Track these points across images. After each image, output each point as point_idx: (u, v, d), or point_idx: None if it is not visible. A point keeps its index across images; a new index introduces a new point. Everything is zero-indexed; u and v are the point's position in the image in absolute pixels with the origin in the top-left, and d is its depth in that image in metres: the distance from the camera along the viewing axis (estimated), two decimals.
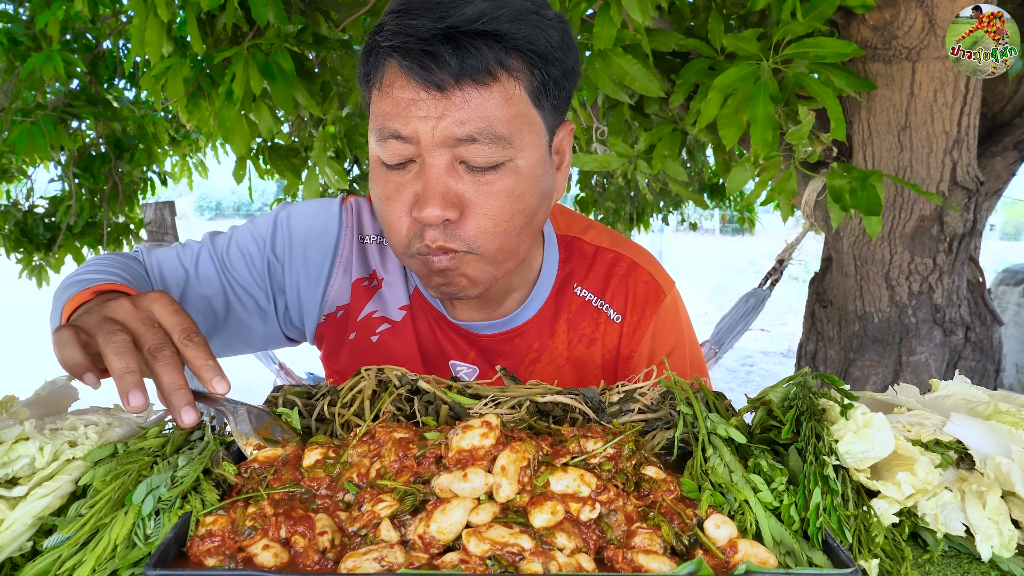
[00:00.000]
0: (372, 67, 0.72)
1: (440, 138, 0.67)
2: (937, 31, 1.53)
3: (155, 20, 1.74)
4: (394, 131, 0.68)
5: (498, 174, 0.70)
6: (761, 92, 1.29)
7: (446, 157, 0.68)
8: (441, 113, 0.66)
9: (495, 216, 0.70)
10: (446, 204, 0.68)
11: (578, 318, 0.90)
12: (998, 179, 1.96)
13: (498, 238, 0.72)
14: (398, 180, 0.71)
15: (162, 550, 0.42)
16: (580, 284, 0.90)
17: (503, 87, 0.67)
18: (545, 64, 0.70)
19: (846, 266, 1.96)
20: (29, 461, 0.48)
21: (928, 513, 0.59)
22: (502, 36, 0.66)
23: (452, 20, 0.64)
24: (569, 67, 0.74)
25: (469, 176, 0.69)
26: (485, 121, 0.67)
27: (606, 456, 0.54)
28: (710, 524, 0.51)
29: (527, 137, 0.71)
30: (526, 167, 0.71)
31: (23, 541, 0.45)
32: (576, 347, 0.89)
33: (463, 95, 0.66)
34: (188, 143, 4.03)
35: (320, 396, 0.66)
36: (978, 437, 0.64)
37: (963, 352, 1.87)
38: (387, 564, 0.44)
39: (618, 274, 0.91)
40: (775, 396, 0.65)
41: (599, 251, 0.92)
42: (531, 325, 0.89)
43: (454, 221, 0.70)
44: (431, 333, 0.90)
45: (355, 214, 0.90)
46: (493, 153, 0.68)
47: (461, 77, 0.65)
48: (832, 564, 0.49)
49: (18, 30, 2.61)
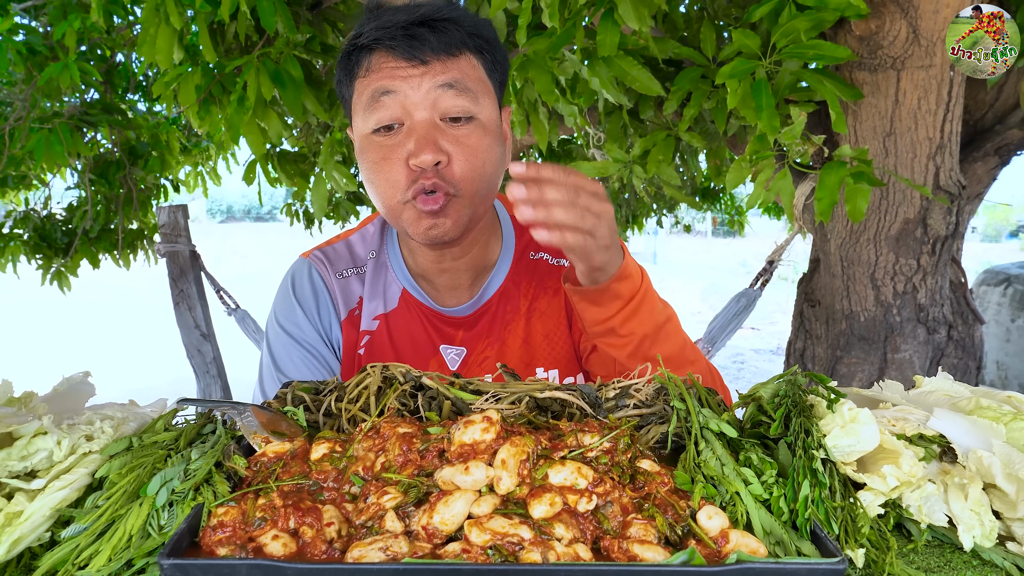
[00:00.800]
0: (354, 63, 0.88)
1: (424, 91, 0.83)
2: (921, 41, 1.57)
3: (167, 28, 1.75)
4: (384, 89, 0.84)
5: (470, 128, 0.86)
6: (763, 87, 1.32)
7: (428, 114, 0.84)
8: (423, 72, 0.84)
9: (472, 161, 0.86)
10: (435, 150, 0.83)
11: (544, 277, 1.04)
12: (979, 183, 2.01)
13: (475, 182, 0.87)
14: (390, 143, 0.85)
15: (175, 540, 0.43)
16: (535, 251, 1.05)
17: (468, 59, 0.87)
18: (491, 48, 0.90)
19: (833, 267, 2.00)
20: (47, 455, 0.48)
21: (912, 504, 0.61)
22: (461, 22, 0.86)
23: (423, 12, 0.84)
24: (505, 57, 0.94)
25: (450, 131, 0.85)
26: (458, 75, 0.85)
27: (603, 450, 0.56)
28: (703, 515, 0.52)
29: (485, 99, 0.88)
30: (488, 124, 0.89)
31: (41, 532, 0.46)
32: (542, 300, 1.04)
33: (440, 63, 0.85)
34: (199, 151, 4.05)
35: (327, 392, 0.67)
36: (960, 431, 0.66)
37: (946, 350, 1.91)
38: (392, 554, 0.46)
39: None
40: (765, 392, 0.67)
41: None
42: (500, 293, 1.03)
43: (444, 166, 0.84)
44: (421, 325, 1.02)
45: (323, 261, 1.05)
46: (465, 103, 0.84)
47: (438, 50, 0.84)
48: (820, 553, 0.51)
49: (36, 40, 2.64)
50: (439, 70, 0.84)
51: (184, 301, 3.28)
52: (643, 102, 1.93)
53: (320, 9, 2.21)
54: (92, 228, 3.31)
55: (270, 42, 1.96)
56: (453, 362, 1.02)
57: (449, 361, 1.02)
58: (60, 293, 3.46)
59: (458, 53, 0.86)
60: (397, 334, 1.02)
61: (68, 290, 3.38)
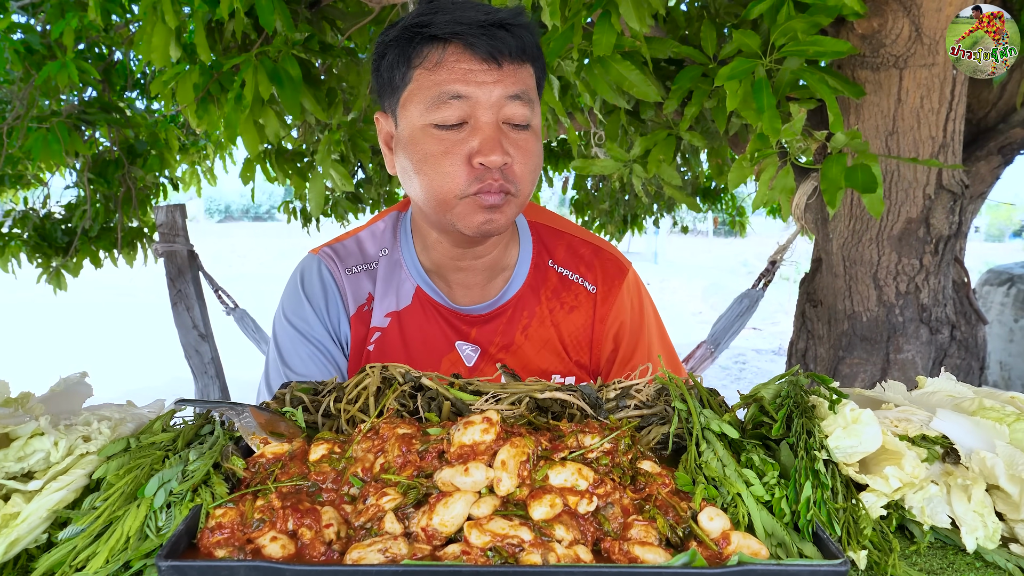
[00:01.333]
0: (416, 51, 0.88)
1: (495, 99, 0.86)
2: (923, 40, 1.56)
3: (162, 26, 1.74)
4: (455, 92, 0.85)
5: (527, 134, 0.90)
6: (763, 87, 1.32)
7: (494, 117, 0.86)
8: (497, 79, 0.86)
9: (530, 167, 0.90)
10: (503, 152, 0.86)
11: (559, 289, 1.06)
12: (983, 182, 2.00)
13: (529, 187, 0.91)
14: (454, 138, 0.87)
15: (173, 541, 0.43)
16: (555, 262, 1.08)
17: (528, 68, 0.90)
18: (542, 59, 0.93)
19: (835, 267, 2.00)
20: (44, 456, 0.48)
21: (915, 506, 0.60)
22: (531, 30, 0.90)
23: (500, 16, 0.86)
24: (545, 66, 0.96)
25: (511, 134, 0.88)
26: (525, 85, 0.88)
27: (603, 451, 0.56)
28: (704, 517, 0.52)
29: (537, 108, 0.92)
30: (538, 132, 0.92)
31: (39, 533, 0.46)
32: (559, 312, 1.06)
33: (512, 67, 0.87)
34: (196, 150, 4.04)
35: (326, 393, 0.67)
36: (963, 432, 0.66)
37: (949, 350, 1.90)
38: (391, 555, 0.45)
39: (585, 255, 1.09)
40: (767, 393, 0.66)
41: (563, 235, 1.11)
42: (518, 297, 1.04)
43: (508, 168, 0.87)
44: (435, 322, 1.03)
45: (333, 258, 1.06)
46: (527, 112, 0.88)
47: (513, 55, 0.86)
48: (822, 555, 0.51)
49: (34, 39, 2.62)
50: (510, 76, 0.86)
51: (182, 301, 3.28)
52: (643, 102, 1.93)
53: (319, 7, 2.21)
54: (92, 227, 3.31)
55: (268, 40, 1.96)
56: (469, 358, 1.03)
57: (465, 357, 1.03)
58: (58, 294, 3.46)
59: (525, 61, 0.88)
60: (409, 331, 1.03)
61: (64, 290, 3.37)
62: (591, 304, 1.06)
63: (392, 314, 1.03)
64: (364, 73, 2.25)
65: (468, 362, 1.03)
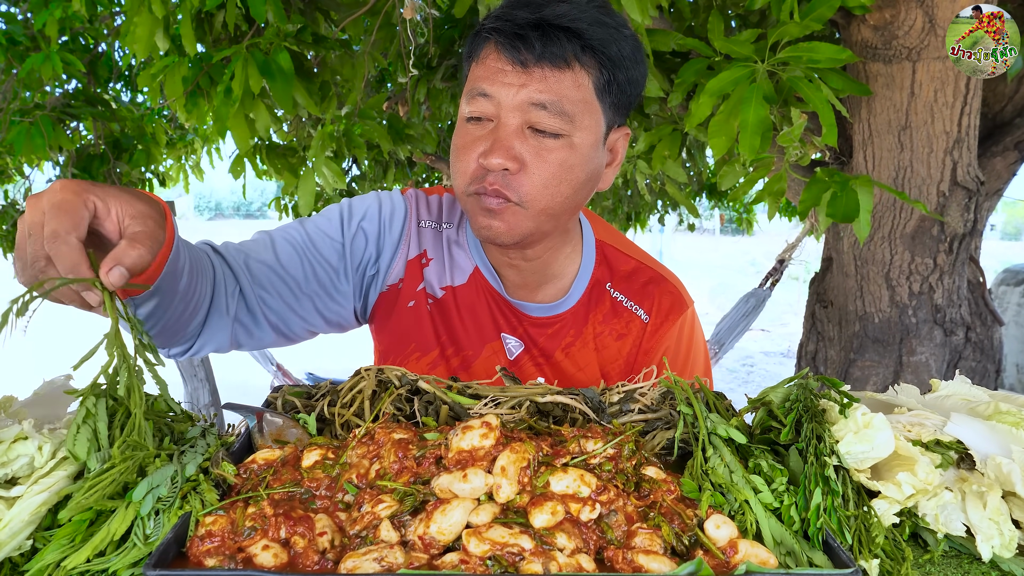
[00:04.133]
0: (474, 46, 0.88)
1: (517, 101, 0.82)
2: (937, 31, 1.53)
3: (148, 16, 1.72)
4: (482, 90, 0.84)
5: (557, 143, 0.84)
6: (754, 96, 1.29)
7: (518, 120, 0.83)
8: (523, 83, 0.82)
9: (546, 178, 0.84)
10: (508, 156, 0.82)
11: (610, 316, 1.03)
12: (999, 179, 1.96)
13: (544, 198, 0.85)
14: (475, 133, 0.85)
15: (162, 550, 0.42)
16: (613, 286, 1.04)
17: (575, 75, 0.83)
18: (613, 67, 0.86)
19: (846, 266, 1.96)
20: (28, 460, 0.47)
21: (928, 513, 0.59)
22: (580, 34, 0.82)
23: (543, 14, 0.82)
24: (634, 77, 0.90)
25: (533, 140, 0.84)
26: (556, 95, 0.82)
27: (606, 456, 0.54)
28: (710, 524, 0.51)
29: (587, 120, 0.85)
30: (581, 145, 0.86)
31: (22, 539, 0.45)
32: (607, 338, 1.02)
33: (542, 72, 0.82)
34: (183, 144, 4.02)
35: (320, 396, 0.66)
36: (978, 437, 0.64)
37: (963, 352, 1.87)
38: (387, 564, 0.44)
39: (646, 283, 1.05)
40: (775, 397, 0.65)
41: (629, 260, 1.07)
42: (569, 314, 1.02)
43: (512, 173, 0.83)
44: (487, 308, 1.02)
45: (415, 202, 1.05)
46: (556, 123, 0.83)
47: (542, 58, 0.81)
48: (832, 564, 0.49)
49: (17, 30, 2.59)
50: (538, 82, 0.82)
51: None
52: (646, 96, 1.90)
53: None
54: None
55: (260, 32, 1.93)
56: (511, 352, 1.02)
57: (508, 350, 1.02)
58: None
59: (564, 66, 0.82)
60: (463, 311, 1.01)
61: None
62: (640, 333, 1.02)
63: (449, 289, 1.01)
64: (359, 66, 2.21)
65: (510, 355, 1.01)
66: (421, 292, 1.01)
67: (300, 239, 0.97)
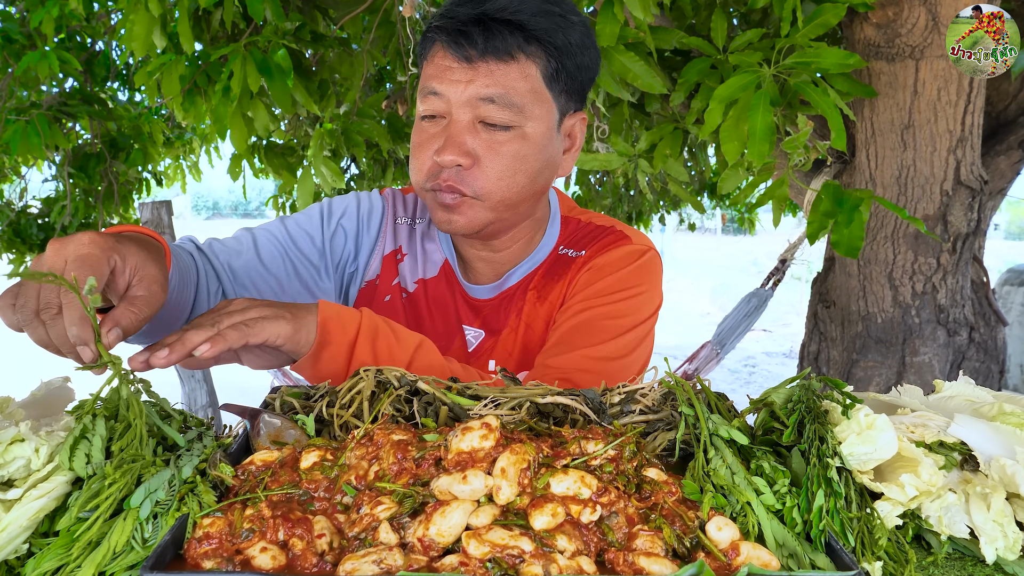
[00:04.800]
0: (424, 46, 0.90)
1: (466, 97, 0.83)
2: (941, 29, 1.52)
3: (144, 14, 1.72)
4: (432, 89, 0.85)
5: (508, 135, 0.85)
6: (761, 102, 1.29)
7: (468, 116, 0.84)
8: (469, 79, 0.83)
9: (500, 170, 0.85)
10: (460, 152, 0.83)
11: (553, 268, 1.02)
12: (1002, 178, 1.95)
13: (500, 190, 0.86)
14: (430, 131, 0.87)
15: (159, 552, 0.42)
16: (564, 245, 1.03)
17: (521, 66, 0.84)
18: (560, 55, 0.86)
19: (849, 266, 1.96)
20: (25, 463, 0.47)
21: (932, 515, 0.58)
22: (522, 25, 0.82)
23: (484, 8, 0.82)
24: (584, 62, 0.89)
25: (485, 134, 0.85)
26: (503, 88, 0.83)
27: (607, 458, 0.54)
28: (712, 526, 0.50)
29: (537, 110, 0.86)
30: (533, 135, 0.86)
31: (19, 543, 0.45)
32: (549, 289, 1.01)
33: (487, 67, 0.83)
34: (181, 144, 4.01)
35: (318, 397, 0.66)
36: (982, 438, 0.64)
37: (967, 353, 1.86)
38: (386, 567, 0.44)
39: (601, 238, 1.01)
40: (778, 398, 0.64)
41: (589, 224, 1.04)
42: (519, 286, 1.01)
43: (466, 168, 0.84)
44: (451, 300, 1.03)
45: (391, 200, 1.07)
46: (507, 116, 0.83)
47: (486, 53, 0.82)
48: (835, 567, 0.49)
49: (13, 28, 2.59)
50: (484, 76, 0.83)
51: None
52: (648, 95, 1.90)
53: None
54: (71, 223, 3.20)
55: (258, 30, 1.94)
56: (470, 344, 1.02)
57: (468, 342, 1.02)
58: None
59: (509, 59, 0.83)
60: (432, 304, 1.02)
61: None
62: (576, 269, 0.98)
63: (421, 282, 1.03)
64: (357, 64, 2.22)
65: (469, 347, 1.01)
66: (396, 287, 1.03)
67: (281, 237, 0.98)
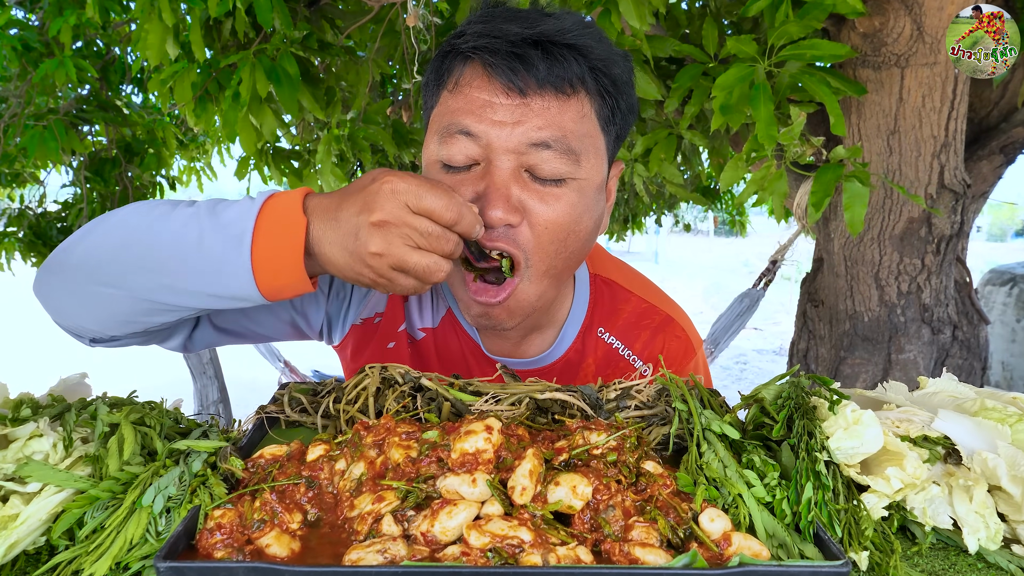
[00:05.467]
0: (446, 69, 0.71)
1: (514, 144, 0.66)
2: (925, 38, 1.56)
3: (158, 24, 1.75)
4: (464, 127, 0.67)
5: (562, 189, 0.68)
6: (761, 93, 1.32)
7: (513, 163, 0.67)
8: (518, 119, 0.66)
9: (555, 230, 0.68)
10: (510, 208, 0.66)
11: (605, 365, 0.87)
12: (984, 182, 2.00)
13: (550, 256, 0.69)
14: (458, 179, 0.69)
15: (172, 542, 0.43)
16: (607, 330, 0.88)
17: (580, 102, 0.68)
18: (616, 91, 0.71)
19: (837, 267, 1.99)
20: (44, 457, 0.48)
21: (916, 507, 0.60)
22: (588, 52, 0.67)
23: (543, 28, 0.65)
24: (632, 103, 0.74)
25: (534, 185, 0.68)
26: (561, 130, 0.66)
27: (610, 447, 0.55)
28: (705, 518, 0.52)
29: (593, 159, 0.70)
30: (588, 188, 0.70)
31: (37, 536, 0.46)
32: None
33: (543, 102, 0.66)
34: (195, 146, 4.03)
35: (325, 393, 0.67)
36: (965, 433, 0.65)
37: (951, 350, 1.90)
38: (390, 556, 0.45)
39: (650, 327, 0.88)
40: (768, 394, 0.66)
41: (629, 297, 0.90)
42: (558, 365, 0.86)
43: (514, 227, 0.68)
44: (462, 356, 0.88)
45: None
46: (562, 165, 0.67)
47: (545, 84, 0.65)
48: (823, 556, 0.50)
49: (31, 36, 2.62)
50: (538, 116, 0.65)
51: None
52: (643, 101, 1.92)
53: (318, 6, 2.21)
54: None
55: (267, 39, 1.96)
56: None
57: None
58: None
59: (570, 93, 0.67)
60: (442, 354, 0.89)
61: None
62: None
63: (427, 331, 0.88)
64: (363, 72, 2.25)
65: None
66: (402, 333, 0.88)
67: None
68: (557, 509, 0.51)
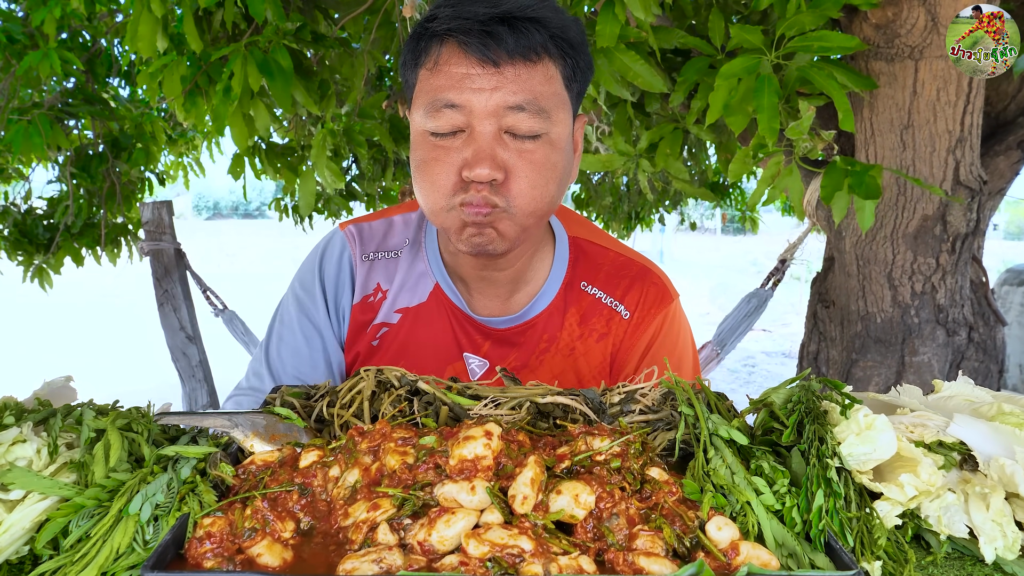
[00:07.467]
0: (422, 50, 0.82)
1: (492, 107, 0.78)
2: (940, 29, 1.52)
3: (148, 15, 1.72)
4: (448, 101, 0.78)
5: (537, 144, 0.81)
6: (765, 85, 1.29)
7: (494, 126, 0.79)
8: (495, 86, 0.77)
9: (534, 180, 0.81)
10: (495, 166, 0.78)
11: (589, 314, 0.98)
12: (1001, 178, 1.95)
13: (533, 200, 0.82)
14: (446, 145, 0.81)
15: (159, 552, 0.42)
16: (589, 283, 0.99)
17: (546, 67, 0.80)
18: (575, 53, 0.83)
19: (848, 266, 1.96)
20: (27, 463, 0.47)
21: (931, 515, 0.59)
22: (546, 23, 0.79)
23: (506, 7, 0.77)
24: (588, 62, 0.87)
25: (513, 144, 0.80)
26: (532, 93, 0.78)
27: (613, 453, 0.54)
28: (712, 526, 0.50)
29: (560, 114, 0.83)
30: (558, 140, 0.83)
31: (20, 545, 0.45)
32: (587, 340, 0.98)
33: (515, 70, 0.78)
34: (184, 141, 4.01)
35: (319, 397, 0.66)
36: (982, 438, 0.64)
37: (966, 353, 1.86)
38: (386, 566, 0.44)
39: (629, 275, 1.00)
40: (777, 398, 0.64)
41: (607, 252, 1.01)
42: (542, 317, 0.97)
43: (500, 182, 0.80)
44: (449, 326, 0.98)
45: (355, 239, 1.01)
46: (535, 123, 0.79)
47: (514, 54, 0.77)
48: (835, 566, 0.49)
49: (14, 28, 2.57)
50: (512, 82, 0.77)
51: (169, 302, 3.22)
52: (648, 94, 1.90)
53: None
54: (74, 223, 3.19)
55: (259, 30, 1.93)
56: (474, 373, 0.97)
57: (471, 370, 0.97)
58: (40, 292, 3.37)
59: (536, 59, 0.79)
60: (420, 332, 0.97)
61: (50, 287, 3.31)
62: (622, 331, 0.97)
63: (405, 311, 0.97)
64: (358, 64, 2.21)
65: (473, 376, 0.97)
66: (376, 327, 0.99)
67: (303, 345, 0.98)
68: (559, 519, 0.49)
